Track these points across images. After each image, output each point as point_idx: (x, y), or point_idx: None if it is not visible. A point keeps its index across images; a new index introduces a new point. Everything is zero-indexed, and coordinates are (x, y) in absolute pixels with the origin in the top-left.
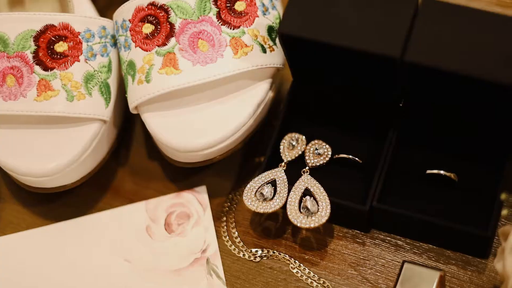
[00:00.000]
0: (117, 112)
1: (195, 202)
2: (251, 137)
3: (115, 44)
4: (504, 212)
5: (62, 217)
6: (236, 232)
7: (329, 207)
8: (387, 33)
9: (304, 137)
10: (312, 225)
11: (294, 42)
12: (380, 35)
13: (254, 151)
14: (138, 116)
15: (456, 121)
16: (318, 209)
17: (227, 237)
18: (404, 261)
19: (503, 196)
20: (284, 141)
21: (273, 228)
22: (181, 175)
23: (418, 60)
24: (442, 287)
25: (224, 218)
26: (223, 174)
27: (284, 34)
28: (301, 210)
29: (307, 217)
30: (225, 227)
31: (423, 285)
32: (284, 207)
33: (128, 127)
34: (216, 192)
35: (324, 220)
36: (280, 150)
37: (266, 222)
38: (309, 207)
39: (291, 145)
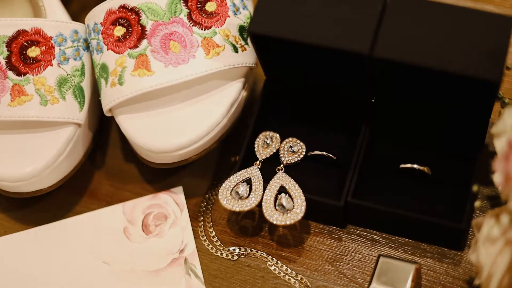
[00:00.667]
0: (92, 115)
1: (172, 202)
2: (226, 136)
3: (87, 47)
4: (477, 203)
5: (40, 221)
6: (214, 232)
7: (304, 204)
8: (356, 30)
9: (278, 135)
10: (288, 222)
11: (264, 41)
12: (349, 31)
13: (229, 150)
14: (113, 118)
15: (428, 115)
16: (293, 206)
17: (205, 236)
18: (379, 255)
19: (475, 188)
20: (258, 139)
21: (250, 226)
22: (157, 176)
23: (387, 55)
24: (418, 280)
25: (201, 218)
26: (199, 174)
27: (254, 33)
28: (277, 208)
29: (283, 214)
30: (203, 226)
31: (399, 278)
32: (259, 205)
33: (104, 130)
34: (193, 192)
35: (299, 217)
36: (255, 149)
37: (243, 220)
38: (284, 204)
39: (266, 144)
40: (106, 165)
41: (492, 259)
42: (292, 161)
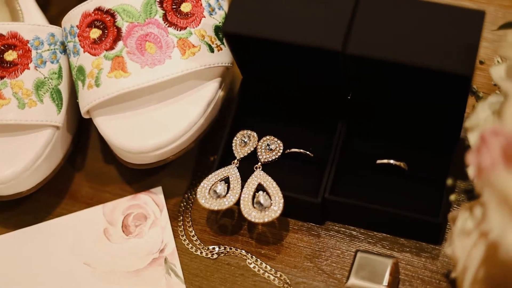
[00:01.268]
0: (71, 117)
1: (152, 203)
2: (203, 136)
3: (64, 50)
4: (452, 197)
5: (21, 224)
6: (193, 231)
7: (282, 201)
8: (329, 27)
9: (255, 133)
10: (266, 220)
11: (239, 40)
12: (322, 29)
13: (208, 150)
14: (92, 120)
15: (404, 110)
16: (271, 204)
17: (184, 236)
18: (357, 250)
19: (449, 181)
20: (236, 138)
21: (230, 225)
22: (137, 177)
23: (360, 52)
24: (396, 274)
25: (181, 218)
26: (178, 174)
27: (228, 33)
28: (255, 206)
29: (261, 212)
30: (182, 226)
31: (376, 272)
32: (238, 203)
33: (83, 132)
34: (172, 192)
35: (277, 214)
36: (233, 148)
37: (223, 219)
38: (262, 202)
39: (243, 142)
40: (86, 167)
41: (467, 251)
42: (270, 159)
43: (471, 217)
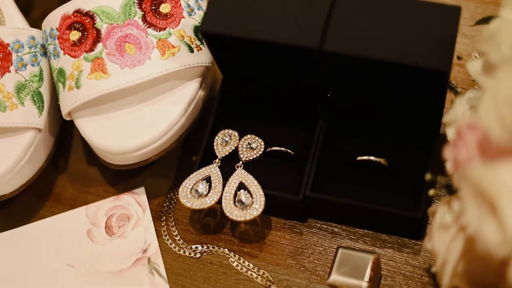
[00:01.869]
0: (52, 120)
1: (134, 203)
2: (185, 136)
3: (45, 53)
4: (431, 192)
5: (4, 227)
6: (176, 230)
7: (263, 199)
8: (306, 25)
9: (236, 133)
10: (247, 218)
11: (217, 40)
12: (299, 27)
13: (190, 149)
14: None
15: (384, 107)
16: (252, 202)
17: (167, 235)
18: (339, 247)
19: (428, 176)
20: (217, 138)
21: (212, 224)
22: (120, 178)
23: (336, 49)
24: (377, 270)
25: (164, 218)
26: (161, 175)
27: (206, 32)
28: (236, 204)
29: (242, 210)
30: (165, 226)
31: (358, 268)
32: (219, 202)
33: (66, 134)
34: (155, 193)
35: (259, 212)
36: (214, 147)
37: (205, 218)
38: (243, 200)
39: (224, 142)
40: (69, 169)
41: (446, 245)
42: (251, 158)
43: (449, 211)
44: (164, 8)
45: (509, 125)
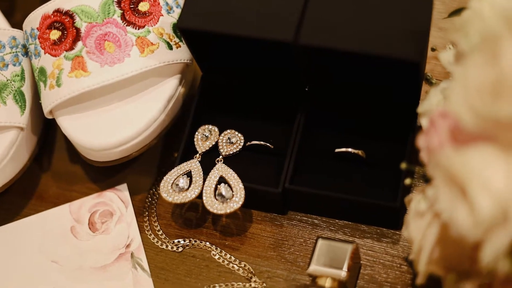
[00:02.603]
0: (35, 119)
1: (117, 200)
2: (166, 132)
3: (26, 53)
4: (407, 181)
5: None
6: (159, 225)
7: (243, 192)
8: (281, 19)
9: (216, 128)
10: (228, 211)
11: (194, 36)
12: (274, 21)
13: (172, 146)
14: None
15: (361, 99)
16: (232, 195)
17: (150, 230)
18: (318, 237)
19: (403, 165)
20: (197, 133)
21: (194, 218)
22: (103, 175)
23: (310, 42)
24: (356, 259)
25: (146, 213)
26: (143, 171)
27: (182, 29)
28: (217, 198)
29: (223, 203)
30: (148, 221)
31: (337, 258)
32: (200, 196)
33: (49, 133)
34: (137, 189)
35: (239, 205)
36: (194, 143)
37: (187, 213)
38: (223, 193)
39: (205, 137)
40: (53, 168)
41: (421, 232)
42: (231, 152)
43: (424, 199)
44: (143, 6)
45: (478, 111)
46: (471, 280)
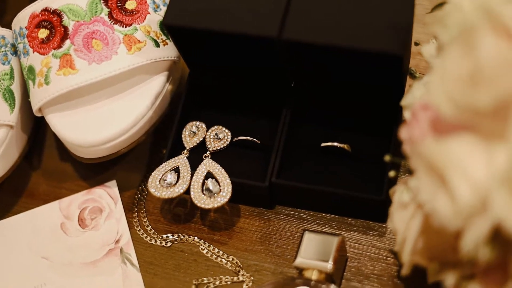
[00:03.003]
0: (25, 117)
1: (106, 196)
2: (154, 129)
3: (15, 52)
4: (392, 173)
5: None
6: (147, 221)
7: (230, 187)
8: (265, 14)
9: (204, 124)
10: (215, 205)
11: (179, 33)
12: (258, 16)
13: (160, 143)
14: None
15: (347, 94)
16: (220, 190)
17: (139, 226)
18: (304, 230)
19: (387, 157)
20: (185, 130)
21: (183, 213)
22: (92, 172)
23: (294, 37)
24: (342, 252)
25: (136, 209)
26: (132, 168)
27: (168, 25)
28: (204, 192)
29: (210, 198)
30: (137, 217)
31: (323, 250)
32: (188, 192)
33: (39, 131)
34: (126, 185)
35: (226, 199)
36: (182, 139)
37: (175, 209)
38: (211, 188)
39: (192, 133)
40: (43, 165)
41: (405, 223)
42: (219, 148)
43: (407, 190)
44: (130, 4)
45: (457, 101)
46: (454, 270)
